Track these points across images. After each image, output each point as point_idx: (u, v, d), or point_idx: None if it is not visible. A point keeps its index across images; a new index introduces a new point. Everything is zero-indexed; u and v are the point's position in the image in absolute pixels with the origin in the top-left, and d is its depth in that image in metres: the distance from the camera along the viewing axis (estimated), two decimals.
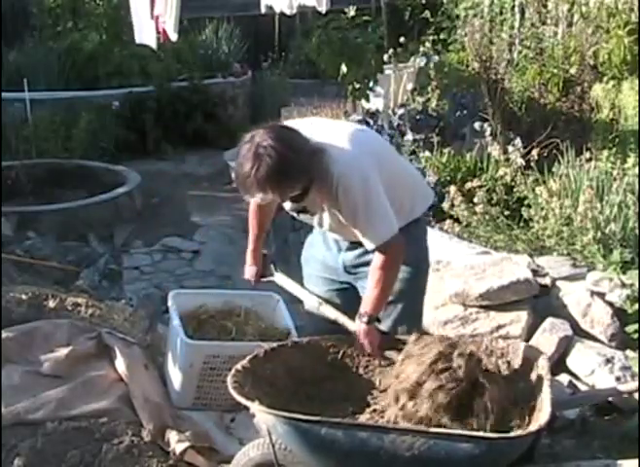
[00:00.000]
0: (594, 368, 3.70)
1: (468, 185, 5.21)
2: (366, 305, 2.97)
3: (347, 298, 3.24)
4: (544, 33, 6.63)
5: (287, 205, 3.06)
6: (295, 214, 3.11)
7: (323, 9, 6.75)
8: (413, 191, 3.14)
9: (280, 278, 3.41)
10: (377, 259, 2.92)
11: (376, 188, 2.85)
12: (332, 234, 3.17)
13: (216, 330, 3.69)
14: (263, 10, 7.09)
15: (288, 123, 3.02)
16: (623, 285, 3.95)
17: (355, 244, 3.08)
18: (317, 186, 2.84)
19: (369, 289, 2.97)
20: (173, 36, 6.76)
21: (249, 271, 3.45)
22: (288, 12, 7.02)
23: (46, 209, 6.95)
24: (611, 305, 3.94)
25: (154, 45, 7.10)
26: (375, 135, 3.52)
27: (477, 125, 6.14)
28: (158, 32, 7.00)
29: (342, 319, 3.09)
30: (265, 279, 3.46)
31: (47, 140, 8.19)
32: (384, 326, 3.09)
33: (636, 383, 3.40)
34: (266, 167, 2.67)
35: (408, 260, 3.06)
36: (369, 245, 2.92)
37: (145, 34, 6.99)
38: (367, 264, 3.02)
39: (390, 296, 3.07)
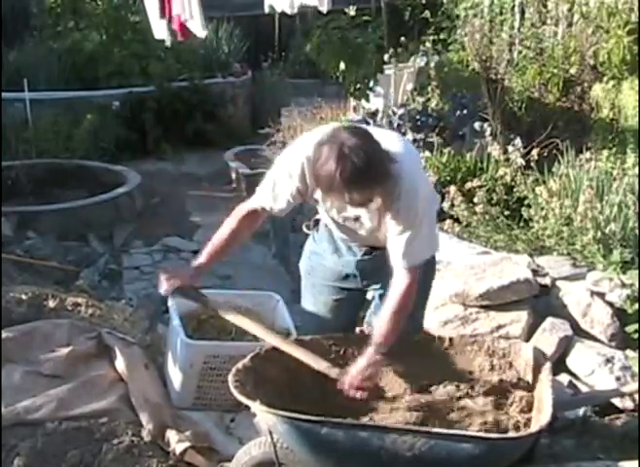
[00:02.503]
0: (594, 368, 3.70)
1: (468, 185, 5.20)
2: (379, 333, 2.83)
3: (353, 305, 3.24)
4: (544, 33, 6.62)
5: (337, 211, 2.98)
6: (341, 221, 3.03)
7: (325, 8, 6.75)
8: (432, 193, 3.13)
9: (214, 307, 3.21)
10: (403, 280, 2.83)
11: (433, 208, 2.87)
12: (346, 241, 3.14)
13: (216, 330, 3.68)
14: (266, 9, 7.09)
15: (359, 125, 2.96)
16: (623, 285, 3.95)
17: (372, 249, 3.07)
18: (382, 194, 2.77)
19: (386, 315, 2.85)
20: (202, 33, 6.74)
21: (172, 282, 3.16)
22: (289, 11, 7.01)
23: (46, 209, 6.96)
24: (611, 305, 3.94)
25: (167, 40, 7.07)
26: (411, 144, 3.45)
27: (477, 125, 6.14)
28: (179, 30, 6.96)
29: (320, 364, 2.87)
30: (182, 296, 3.24)
31: (47, 140, 8.21)
32: None
33: (637, 385, 3.40)
34: (352, 168, 2.59)
35: None
36: (401, 263, 2.83)
37: (160, 29, 6.97)
38: (381, 267, 2.96)
39: None
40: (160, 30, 6.94)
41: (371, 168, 2.62)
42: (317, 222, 3.23)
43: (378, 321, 2.90)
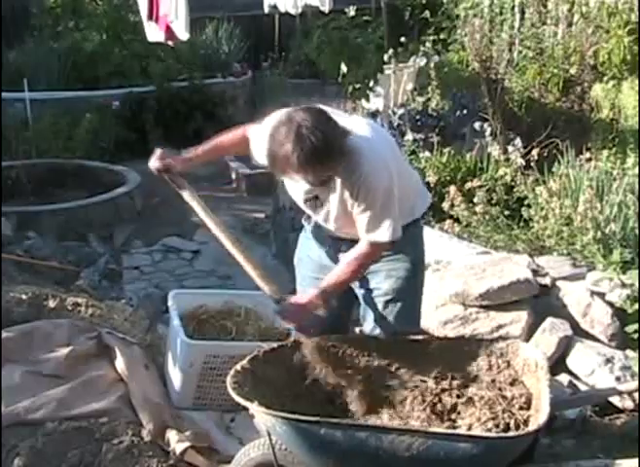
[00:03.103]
0: (594, 368, 3.70)
1: (468, 185, 5.21)
2: (327, 281, 2.94)
3: (341, 300, 3.24)
4: (544, 33, 6.63)
5: (299, 192, 3.02)
6: (302, 204, 3.07)
7: (326, 8, 6.76)
8: (414, 191, 3.14)
9: (189, 196, 3.35)
10: (364, 248, 2.91)
11: (396, 187, 2.85)
12: (330, 233, 3.16)
13: (216, 330, 3.69)
14: (266, 10, 7.09)
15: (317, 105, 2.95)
16: (623, 285, 3.95)
17: (354, 243, 3.08)
18: (340, 173, 2.80)
19: (339, 270, 2.95)
20: (184, 36, 6.76)
21: (162, 163, 3.32)
22: (293, 11, 7.02)
23: (46, 209, 6.96)
24: (611, 305, 3.94)
25: (163, 40, 7.08)
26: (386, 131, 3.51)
27: (477, 125, 6.14)
28: (166, 33, 6.99)
29: (259, 280, 2.98)
30: (167, 177, 3.38)
31: (47, 140, 8.21)
32: (385, 323, 3.10)
33: (636, 383, 3.40)
34: (310, 148, 2.62)
35: (408, 258, 3.07)
36: (365, 236, 2.89)
37: (154, 31, 6.99)
38: None
39: (390, 294, 3.08)
40: (152, 32, 6.96)
41: (328, 148, 2.65)
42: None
43: (332, 273, 2.98)
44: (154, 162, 3.33)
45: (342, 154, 2.72)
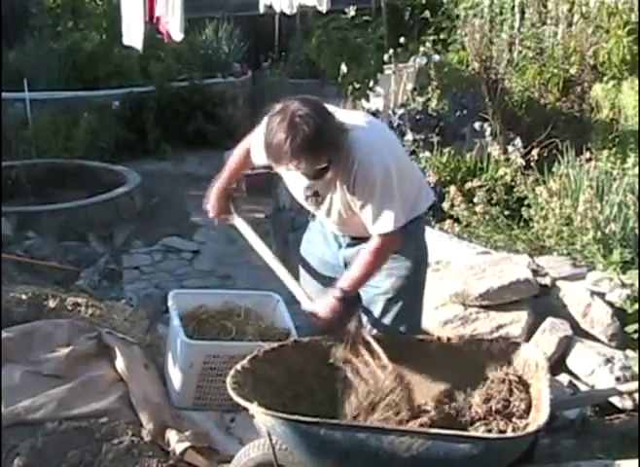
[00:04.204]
0: (594, 368, 3.70)
1: (468, 185, 5.21)
2: (344, 281, 2.95)
3: None
4: (544, 33, 6.63)
5: (299, 189, 3.03)
6: (304, 200, 3.08)
7: (324, 8, 6.76)
8: (417, 188, 3.13)
9: (240, 223, 3.42)
10: (374, 243, 2.92)
11: (394, 178, 2.86)
12: (333, 230, 3.17)
13: (216, 330, 3.68)
14: (261, 10, 7.09)
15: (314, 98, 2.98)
16: (623, 285, 3.95)
17: (356, 240, 3.08)
18: (336, 165, 2.82)
19: (354, 268, 2.96)
20: (178, 36, 6.77)
21: (215, 208, 3.42)
22: (288, 11, 7.02)
23: (46, 209, 6.95)
24: (611, 305, 3.94)
25: (139, 46, 7.13)
26: (387, 127, 3.53)
27: (477, 125, 6.14)
28: (160, 33, 7.02)
29: (298, 293, 3.09)
30: (226, 220, 3.47)
31: (47, 140, 8.20)
32: (385, 322, 3.10)
33: (636, 383, 3.40)
34: (302, 136, 2.64)
35: (409, 257, 3.07)
36: (372, 229, 2.90)
37: (132, 35, 7.02)
38: None
39: (390, 293, 3.07)
40: (134, 35, 6.98)
41: (321, 137, 2.67)
42: None
43: (347, 272, 3.00)
44: (215, 220, 3.47)
45: (335, 144, 2.74)
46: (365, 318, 3.20)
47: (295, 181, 3.02)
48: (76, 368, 3.75)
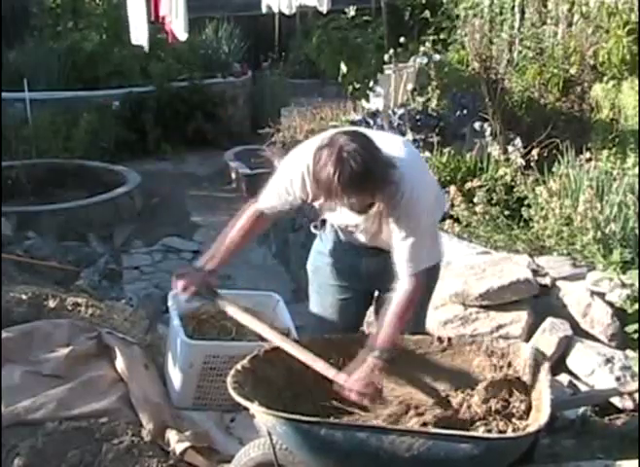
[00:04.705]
0: (594, 368, 3.70)
1: (468, 185, 5.20)
2: (382, 338, 2.81)
3: (360, 305, 3.24)
4: (544, 33, 6.63)
5: (339, 217, 3.00)
6: (341, 226, 3.06)
7: (324, 9, 6.76)
8: (437, 199, 3.12)
9: (228, 308, 3.14)
10: (407, 286, 2.84)
11: (436, 216, 2.88)
12: (351, 242, 3.13)
13: (216, 330, 3.69)
14: (264, 10, 7.09)
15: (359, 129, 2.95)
16: (623, 285, 3.95)
17: (376, 250, 3.06)
18: (382, 199, 2.79)
19: (389, 320, 2.83)
20: (183, 36, 6.79)
21: (189, 291, 3.11)
22: (287, 11, 7.03)
23: (46, 209, 6.97)
24: (611, 305, 3.94)
25: (146, 45, 7.14)
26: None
27: (477, 125, 6.14)
28: (165, 33, 7.03)
29: (320, 366, 2.85)
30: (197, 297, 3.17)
31: (47, 140, 8.21)
32: None
33: (636, 384, 3.40)
34: (350, 172, 2.61)
35: None
36: (405, 269, 2.84)
37: (139, 34, 7.03)
38: (389, 269, 2.94)
39: None
40: (138, 36, 6.99)
41: (369, 173, 2.63)
42: (324, 222, 3.22)
43: (381, 325, 2.88)
44: (181, 295, 3.16)
45: (384, 180, 2.70)
46: (373, 318, 3.20)
47: (337, 212, 2.98)
48: (76, 368, 3.75)
